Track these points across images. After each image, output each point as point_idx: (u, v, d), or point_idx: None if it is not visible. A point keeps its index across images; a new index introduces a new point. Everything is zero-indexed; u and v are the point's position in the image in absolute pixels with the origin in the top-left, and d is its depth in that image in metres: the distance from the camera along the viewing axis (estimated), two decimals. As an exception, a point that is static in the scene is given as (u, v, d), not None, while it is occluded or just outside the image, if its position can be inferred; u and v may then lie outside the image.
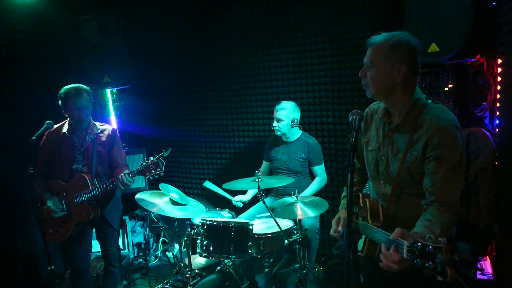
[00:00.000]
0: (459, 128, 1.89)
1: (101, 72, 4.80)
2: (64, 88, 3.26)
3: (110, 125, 3.58)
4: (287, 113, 3.84)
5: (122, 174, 3.13)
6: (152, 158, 3.12)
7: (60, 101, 3.25)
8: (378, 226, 1.95)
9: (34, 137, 2.96)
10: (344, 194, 2.35)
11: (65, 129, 3.34)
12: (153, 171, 3.10)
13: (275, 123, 3.89)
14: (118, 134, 3.56)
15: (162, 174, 3.13)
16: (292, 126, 3.88)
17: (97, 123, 3.46)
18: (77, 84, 3.30)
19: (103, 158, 3.38)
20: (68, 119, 3.36)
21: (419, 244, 1.46)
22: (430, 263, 1.41)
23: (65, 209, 3.27)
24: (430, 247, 1.42)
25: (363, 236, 2.03)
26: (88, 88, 3.34)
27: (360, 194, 2.24)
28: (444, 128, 1.84)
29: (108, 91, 5.25)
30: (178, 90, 4.98)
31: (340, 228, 2.08)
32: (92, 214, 3.23)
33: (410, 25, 3.12)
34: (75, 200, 3.23)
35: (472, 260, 3.31)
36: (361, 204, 2.17)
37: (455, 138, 1.85)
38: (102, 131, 3.42)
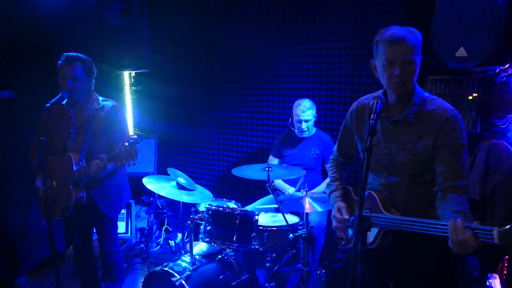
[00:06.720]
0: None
1: (120, 53, 4.83)
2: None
3: (115, 101, 3.20)
4: (312, 112, 3.79)
5: (96, 160, 2.79)
6: (126, 144, 2.69)
7: None
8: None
9: (48, 105, 2.79)
10: (330, 189, 2.34)
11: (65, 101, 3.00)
12: (124, 160, 2.69)
13: (303, 125, 3.76)
14: (122, 111, 3.18)
15: (135, 164, 2.73)
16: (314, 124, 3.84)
17: (101, 98, 3.13)
18: (76, 53, 2.97)
19: (98, 136, 3.03)
20: None
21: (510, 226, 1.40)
22: None
23: (53, 188, 2.98)
24: None
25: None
26: (86, 57, 2.99)
27: (350, 188, 2.28)
28: (452, 117, 1.93)
29: (126, 74, 5.24)
30: (196, 78, 4.92)
31: (347, 216, 2.10)
32: (73, 197, 2.92)
33: (440, 27, 3.03)
34: (59, 181, 2.96)
35: (480, 277, 3.20)
36: (354, 197, 2.20)
37: (461, 125, 1.95)
38: (103, 107, 3.07)
